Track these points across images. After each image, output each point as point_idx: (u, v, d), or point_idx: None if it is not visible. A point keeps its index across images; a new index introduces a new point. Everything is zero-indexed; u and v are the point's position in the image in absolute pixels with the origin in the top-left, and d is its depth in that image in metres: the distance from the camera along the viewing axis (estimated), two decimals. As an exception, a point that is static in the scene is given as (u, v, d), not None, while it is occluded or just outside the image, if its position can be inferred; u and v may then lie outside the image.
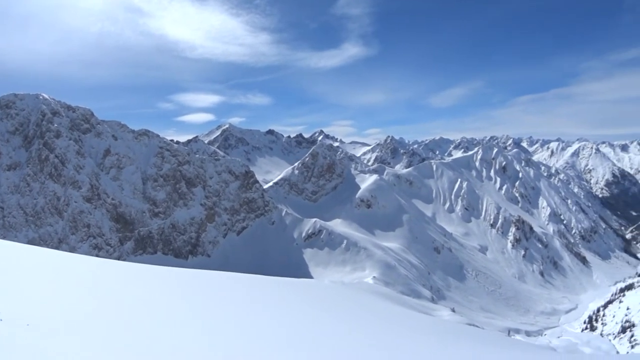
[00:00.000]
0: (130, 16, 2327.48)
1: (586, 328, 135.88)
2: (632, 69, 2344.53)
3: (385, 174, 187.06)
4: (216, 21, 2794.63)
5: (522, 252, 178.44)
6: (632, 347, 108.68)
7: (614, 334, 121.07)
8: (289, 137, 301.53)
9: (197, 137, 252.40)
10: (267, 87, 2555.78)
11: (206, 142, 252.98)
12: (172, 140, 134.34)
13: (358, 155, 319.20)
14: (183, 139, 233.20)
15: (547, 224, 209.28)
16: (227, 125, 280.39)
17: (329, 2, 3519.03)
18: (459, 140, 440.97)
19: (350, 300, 36.11)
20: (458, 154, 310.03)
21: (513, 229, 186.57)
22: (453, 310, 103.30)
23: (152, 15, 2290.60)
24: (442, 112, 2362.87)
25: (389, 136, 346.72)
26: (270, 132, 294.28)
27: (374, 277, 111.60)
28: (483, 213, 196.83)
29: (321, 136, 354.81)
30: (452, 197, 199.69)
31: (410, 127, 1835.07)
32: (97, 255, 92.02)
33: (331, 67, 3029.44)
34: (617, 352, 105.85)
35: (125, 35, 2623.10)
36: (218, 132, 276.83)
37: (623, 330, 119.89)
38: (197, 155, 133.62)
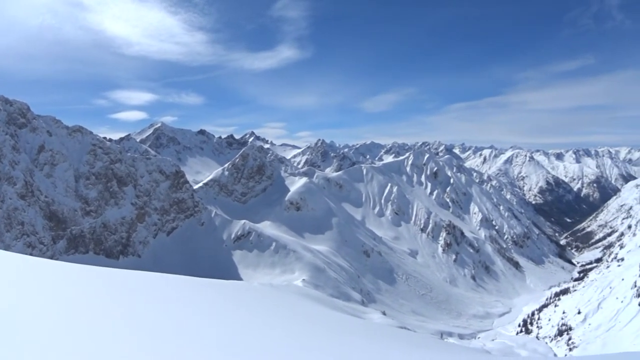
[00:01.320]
0: (71, 10, 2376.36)
1: (521, 331, 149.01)
2: (569, 81, 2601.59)
3: (315, 177, 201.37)
4: (154, 18, 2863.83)
5: (453, 257, 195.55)
6: (570, 349, 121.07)
7: (550, 337, 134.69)
8: (220, 137, 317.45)
9: (129, 135, 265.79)
10: (200, 86, 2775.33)
11: (138, 140, 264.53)
12: (105, 138, 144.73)
13: (288, 157, 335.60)
14: (116, 136, 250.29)
15: (479, 229, 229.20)
16: (159, 124, 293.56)
17: (266, 4, 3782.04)
18: (390, 145, 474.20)
19: (279, 302, 35.67)
20: (389, 159, 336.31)
21: (444, 234, 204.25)
22: (384, 314, 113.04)
23: (92, 10, 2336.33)
24: (374, 116, 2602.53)
25: (319, 139, 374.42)
26: (202, 132, 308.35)
27: (304, 279, 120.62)
28: (413, 217, 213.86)
29: (252, 137, 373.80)
30: (382, 201, 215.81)
31: (341, 131, 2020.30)
32: (30, 254, 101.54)
33: (265, 69, 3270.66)
34: (555, 355, 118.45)
35: (65, 30, 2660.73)
36: (150, 131, 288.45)
37: (560, 333, 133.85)
38: (129, 154, 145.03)
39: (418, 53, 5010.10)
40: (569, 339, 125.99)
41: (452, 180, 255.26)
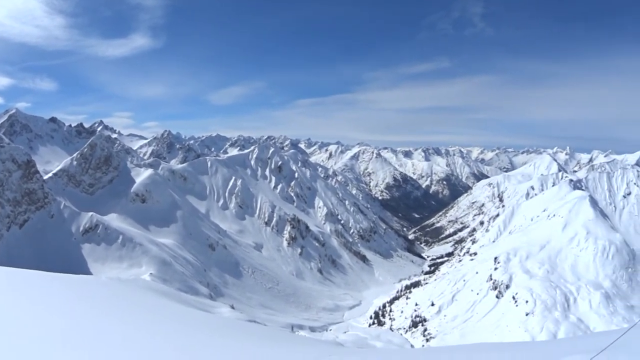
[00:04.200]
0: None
1: (373, 323, 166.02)
2: (419, 82, 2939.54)
3: (160, 168, 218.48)
4: None
5: (299, 250, 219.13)
6: (427, 340, 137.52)
7: (404, 329, 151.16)
8: (70, 126, 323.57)
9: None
10: (55, 72, 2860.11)
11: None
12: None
13: (135, 148, 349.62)
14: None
15: (324, 224, 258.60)
16: (14, 110, 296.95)
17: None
18: (235, 138, 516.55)
19: (127, 297, 39.73)
20: (234, 152, 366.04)
21: (288, 228, 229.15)
22: (232, 307, 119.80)
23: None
24: (221, 109, 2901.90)
25: (165, 130, 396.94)
26: (53, 120, 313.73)
27: (151, 273, 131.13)
28: (257, 211, 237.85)
29: (100, 127, 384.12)
30: (227, 194, 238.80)
31: (188, 122, 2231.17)
32: None
33: (117, 57, 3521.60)
34: (412, 346, 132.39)
35: None
36: (5, 117, 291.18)
37: (414, 324, 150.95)
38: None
39: (268, 47, 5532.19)
40: (425, 330, 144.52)
41: (296, 175, 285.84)
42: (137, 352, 17.79)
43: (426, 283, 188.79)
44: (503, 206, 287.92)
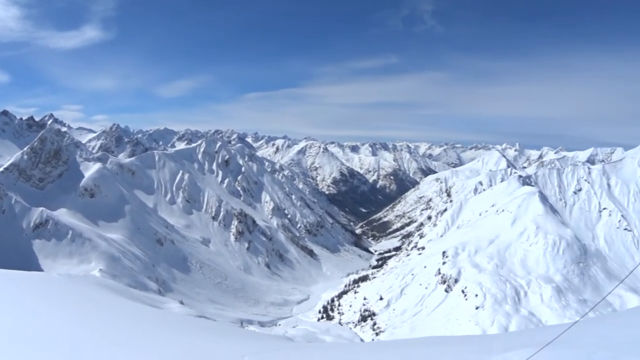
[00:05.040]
0: None
1: (322, 317, 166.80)
2: (367, 78, 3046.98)
3: (108, 162, 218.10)
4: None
5: (246, 245, 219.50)
6: (377, 334, 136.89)
7: (354, 323, 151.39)
8: (21, 119, 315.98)
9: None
10: (7, 64, 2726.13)
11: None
12: None
13: (84, 142, 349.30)
14: None
15: (271, 218, 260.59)
16: None
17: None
18: (183, 132, 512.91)
19: (77, 294, 39.59)
20: (181, 146, 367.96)
21: (235, 222, 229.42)
22: (182, 303, 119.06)
23: None
24: (169, 102, 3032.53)
25: (114, 124, 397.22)
26: (5, 113, 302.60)
27: (101, 269, 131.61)
28: (205, 205, 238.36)
29: (51, 120, 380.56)
30: (174, 188, 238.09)
31: (137, 116, 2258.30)
32: None
33: (68, 49, 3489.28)
34: (362, 340, 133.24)
35: None
36: None
37: (363, 318, 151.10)
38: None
39: (215, 40, 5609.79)
40: (374, 324, 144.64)
41: (243, 169, 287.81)
42: (86, 347, 18.69)
43: (374, 277, 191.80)
44: (451, 201, 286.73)
